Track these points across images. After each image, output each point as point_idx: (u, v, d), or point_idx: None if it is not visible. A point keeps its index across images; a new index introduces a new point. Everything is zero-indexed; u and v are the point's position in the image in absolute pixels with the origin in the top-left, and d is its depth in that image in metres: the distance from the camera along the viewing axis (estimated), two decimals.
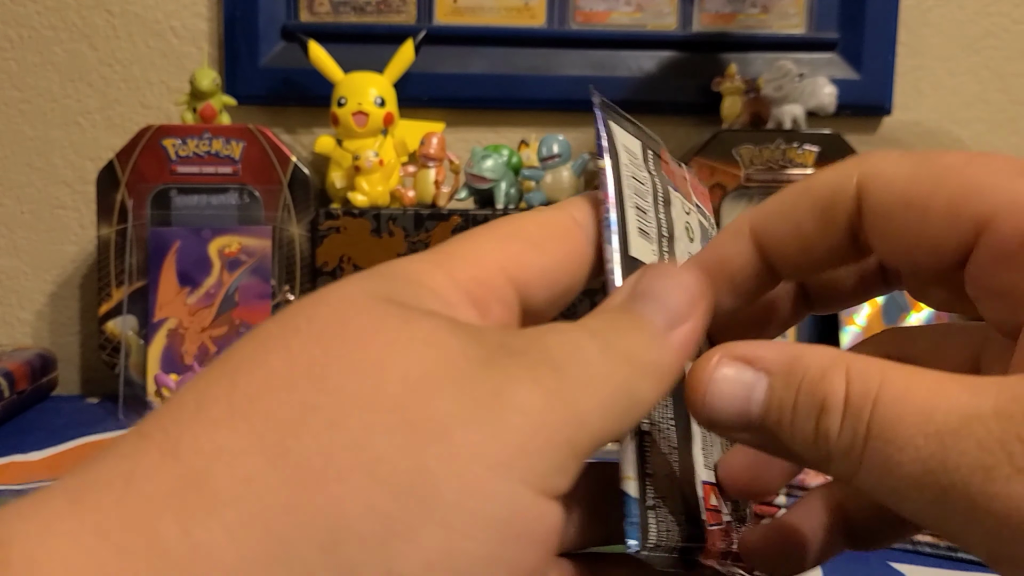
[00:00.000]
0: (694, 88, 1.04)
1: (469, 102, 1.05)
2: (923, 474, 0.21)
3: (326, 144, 0.97)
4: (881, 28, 1.04)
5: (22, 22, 1.05)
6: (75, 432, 0.81)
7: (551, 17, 1.06)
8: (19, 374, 0.86)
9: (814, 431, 0.23)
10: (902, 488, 0.21)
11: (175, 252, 0.90)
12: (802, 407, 0.23)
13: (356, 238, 0.90)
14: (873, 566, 0.52)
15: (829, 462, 0.23)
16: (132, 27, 1.05)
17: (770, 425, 0.24)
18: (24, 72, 1.05)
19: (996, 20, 1.07)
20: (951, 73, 1.08)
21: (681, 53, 1.06)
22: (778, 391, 0.23)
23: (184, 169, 0.91)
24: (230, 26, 1.04)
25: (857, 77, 1.04)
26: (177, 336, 0.89)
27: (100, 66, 1.05)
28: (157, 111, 1.06)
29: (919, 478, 0.21)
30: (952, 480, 0.20)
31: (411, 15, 1.06)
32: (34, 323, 1.08)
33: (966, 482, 0.20)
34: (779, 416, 0.23)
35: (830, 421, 0.22)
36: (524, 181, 0.92)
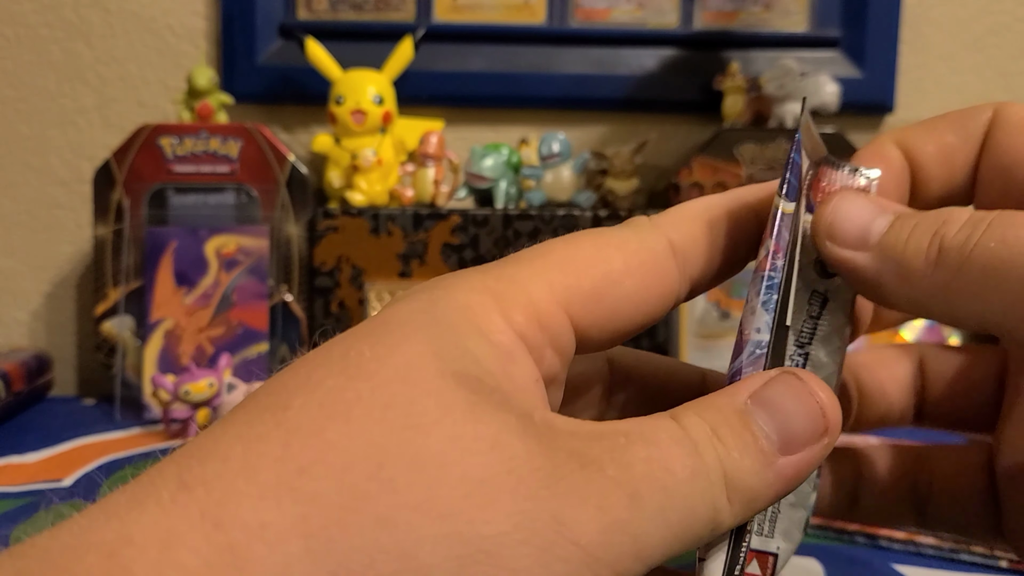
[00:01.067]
0: (695, 86, 1.04)
1: (468, 100, 1.05)
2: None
3: (324, 143, 0.96)
4: (884, 26, 1.03)
5: (18, 20, 1.04)
6: (71, 433, 0.80)
7: (551, 14, 1.05)
8: (15, 375, 0.85)
9: (931, 237, 0.24)
10: (1002, 269, 0.22)
11: (172, 252, 0.89)
12: (924, 223, 0.24)
13: (354, 237, 0.89)
14: (876, 568, 0.52)
15: (936, 264, 0.23)
16: (129, 25, 1.05)
17: (889, 238, 0.25)
18: (20, 71, 1.05)
19: (999, 18, 1.07)
20: (954, 71, 1.07)
21: (682, 51, 1.05)
22: (903, 220, 0.25)
23: (181, 168, 0.91)
24: (227, 24, 1.03)
25: (860, 75, 1.03)
26: (174, 337, 0.88)
27: (96, 64, 1.05)
28: (154, 110, 1.05)
29: (1020, 257, 0.22)
30: None
31: (410, 12, 1.05)
32: (30, 324, 1.07)
33: None
34: (900, 230, 0.24)
35: (950, 227, 0.23)
36: (524, 180, 0.92)
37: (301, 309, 0.91)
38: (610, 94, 1.05)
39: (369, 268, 0.90)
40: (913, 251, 0.24)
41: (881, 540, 0.54)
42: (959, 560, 0.52)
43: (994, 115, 0.28)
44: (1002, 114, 0.28)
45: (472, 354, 0.21)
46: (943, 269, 0.23)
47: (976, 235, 0.23)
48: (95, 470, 0.70)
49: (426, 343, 0.21)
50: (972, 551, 0.51)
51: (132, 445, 0.77)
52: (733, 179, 0.93)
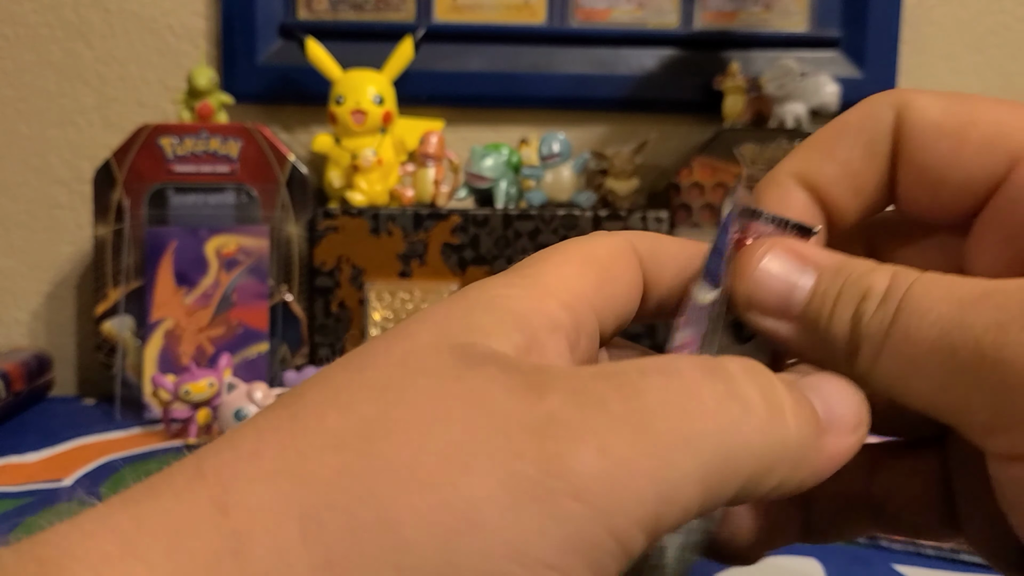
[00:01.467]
0: (696, 86, 1.04)
1: (468, 100, 1.05)
2: (939, 336, 0.21)
3: (324, 143, 0.96)
4: (884, 26, 1.03)
5: (17, 20, 1.04)
6: (71, 433, 0.80)
7: (551, 14, 1.05)
8: (15, 375, 0.85)
9: (851, 317, 0.23)
10: (917, 357, 0.22)
11: (172, 252, 0.89)
12: (845, 296, 0.23)
13: (354, 237, 0.89)
14: (876, 568, 0.52)
15: (856, 352, 0.23)
16: (129, 25, 1.05)
17: (810, 314, 0.24)
18: (20, 71, 1.05)
19: (1000, 18, 1.07)
20: (955, 71, 1.07)
21: (682, 51, 1.05)
22: (824, 282, 0.24)
23: (181, 168, 0.91)
24: (228, 24, 1.03)
25: (860, 75, 1.03)
26: (174, 337, 0.88)
27: (97, 64, 1.05)
28: (154, 110, 1.05)
29: (935, 341, 0.21)
30: (965, 338, 0.21)
31: (410, 12, 1.05)
32: (30, 323, 1.07)
33: (979, 338, 0.21)
34: (821, 304, 0.24)
35: (868, 305, 0.23)
36: (524, 180, 0.92)
37: (301, 309, 0.91)
38: (610, 94, 1.05)
39: (369, 268, 0.90)
40: (836, 333, 0.23)
41: (882, 540, 0.54)
42: (959, 560, 0.52)
43: (897, 119, 0.26)
44: (907, 120, 0.26)
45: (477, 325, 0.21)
46: (864, 359, 0.23)
47: (887, 319, 0.22)
48: (95, 470, 0.70)
49: (435, 326, 0.21)
50: (972, 552, 0.51)
51: (132, 445, 0.77)
52: (733, 179, 0.93)
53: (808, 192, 0.27)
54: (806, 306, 0.24)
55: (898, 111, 0.26)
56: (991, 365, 0.20)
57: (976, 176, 0.25)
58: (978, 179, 0.25)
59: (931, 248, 0.28)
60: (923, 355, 0.22)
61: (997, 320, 0.21)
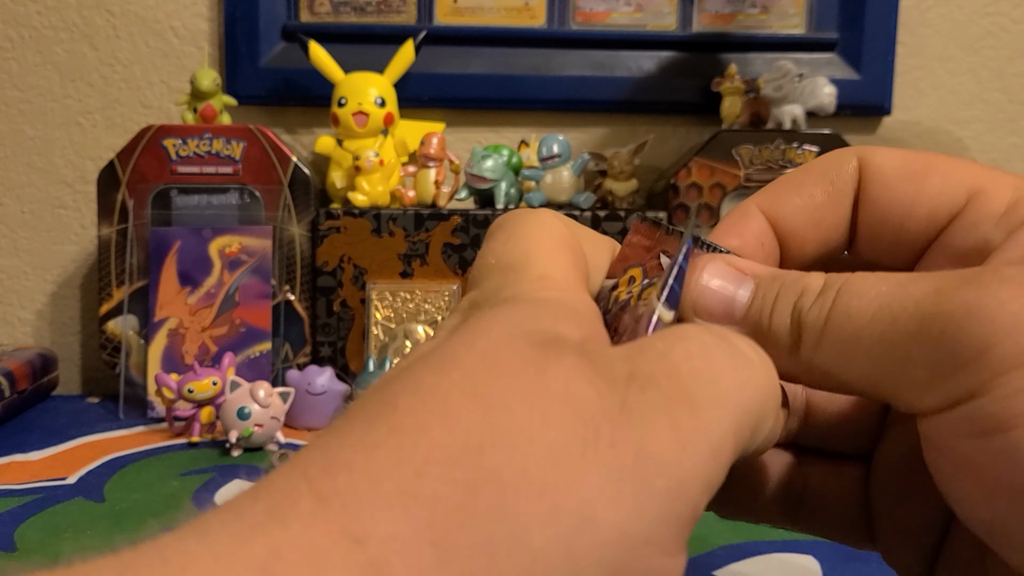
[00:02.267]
0: (694, 88, 1.04)
1: (469, 102, 1.06)
2: (879, 308, 0.23)
3: (326, 144, 0.97)
4: (881, 28, 1.04)
5: (22, 22, 1.05)
6: (75, 432, 0.81)
7: (551, 17, 1.06)
8: (20, 373, 0.86)
9: (791, 312, 0.25)
10: (859, 329, 0.23)
11: (176, 252, 0.90)
12: (783, 295, 0.25)
13: (356, 238, 0.90)
14: (872, 565, 0.52)
15: (799, 340, 0.25)
16: (133, 27, 1.05)
17: (752, 315, 0.26)
18: (25, 72, 1.05)
19: (995, 20, 1.07)
20: (951, 73, 1.08)
21: (681, 53, 1.06)
22: (763, 288, 0.26)
23: (184, 169, 0.91)
24: (231, 26, 1.04)
25: (857, 77, 1.04)
26: (178, 336, 0.89)
27: (101, 66, 1.06)
28: (158, 111, 1.06)
29: (876, 312, 0.23)
30: (905, 303, 0.23)
31: (411, 15, 1.06)
32: (35, 323, 1.08)
33: (918, 302, 0.22)
34: (761, 305, 0.25)
35: (806, 299, 0.25)
36: (524, 181, 0.93)
37: (304, 308, 0.92)
38: (609, 96, 1.05)
39: (371, 268, 0.90)
40: (777, 327, 0.25)
41: None
42: None
43: (860, 165, 0.28)
44: (870, 165, 0.28)
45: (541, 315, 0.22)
46: (806, 347, 0.25)
47: (826, 307, 0.24)
48: (99, 468, 0.71)
49: (504, 319, 0.22)
50: None
51: (136, 443, 0.78)
52: (731, 180, 0.94)
53: (769, 221, 0.29)
54: (748, 310, 0.26)
55: (861, 159, 0.28)
56: (931, 320, 0.22)
57: (938, 210, 0.27)
58: (940, 213, 0.27)
59: None
60: (863, 327, 0.23)
61: (935, 287, 0.22)
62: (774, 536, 0.56)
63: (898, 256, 0.29)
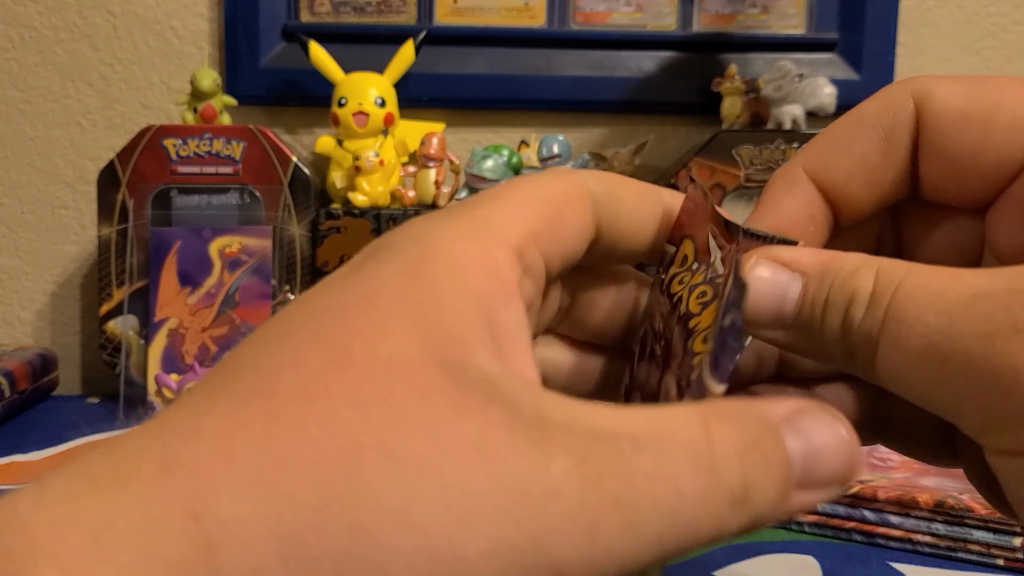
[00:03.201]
0: (694, 88, 1.04)
1: (469, 102, 1.06)
2: (928, 347, 0.21)
3: (326, 144, 0.97)
4: (881, 29, 1.04)
5: (23, 22, 1.05)
6: (75, 432, 0.81)
7: (551, 17, 1.06)
8: (20, 374, 0.86)
9: (841, 323, 0.23)
10: (909, 365, 0.22)
11: (176, 252, 0.90)
12: (833, 302, 0.23)
13: (357, 238, 0.90)
14: (873, 565, 0.52)
15: (853, 354, 0.23)
16: (133, 27, 1.05)
17: (803, 322, 0.24)
18: (25, 72, 1.05)
19: (996, 20, 1.07)
20: (951, 73, 1.07)
21: (681, 53, 1.06)
22: (812, 290, 0.24)
23: (185, 169, 0.91)
24: (231, 26, 1.04)
25: (857, 77, 1.04)
26: (178, 336, 0.89)
27: (101, 66, 1.05)
28: (158, 111, 1.06)
29: (924, 350, 0.21)
30: (954, 348, 0.21)
31: (411, 15, 1.06)
32: (35, 323, 1.08)
33: (967, 348, 0.21)
34: (811, 312, 0.24)
35: (856, 311, 0.23)
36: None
37: None
38: (609, 96, 1.05)
39: None
40: (829, 337, 0.24)
41: (879, 537, 0.54)
42: (956, 558, 0.52)
43: (917, 109, 0.26)
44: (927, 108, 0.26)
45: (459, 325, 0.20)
46: (860, 360, 0.23)
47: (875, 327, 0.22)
48: None
49: (414, 325, 0.20)
50: (969, 549, 0.51)
51: None
52: (731, 180, 0.94)
53: (818, 188, 0.27)
54: (797, 315, 0.24)
55: (918, 101, 0.26)
56: (979, 374, 0.21)
57: (1006, 158, 0.25)
58: (1008, 161, 0.25)
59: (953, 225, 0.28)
60: (914, 363, 0.22)
61: (984, 330, 0.21)
62: (774, 536, 0.56)
63: (967, 201, 0.27)
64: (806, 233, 0.27)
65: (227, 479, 0.17)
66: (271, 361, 0.19)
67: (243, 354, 0.20)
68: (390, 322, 0.20)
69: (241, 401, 0.18)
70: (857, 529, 0.55)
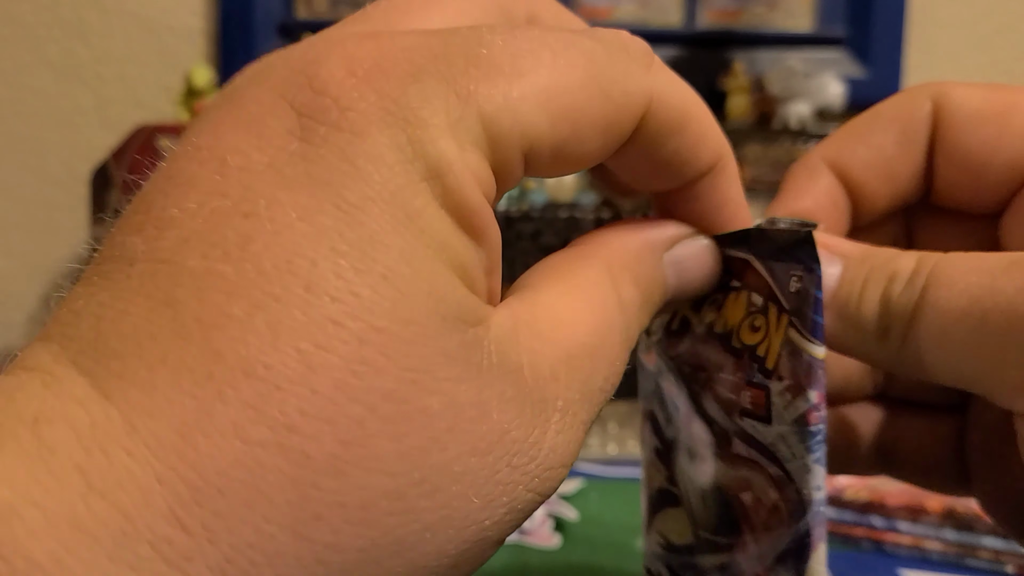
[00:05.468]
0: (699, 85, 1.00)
1: None
2: (970, 303, 0.22)
3: None
4: (890, 25, 1.03)
5: (15, 19, 1.04)
6: None
7: None
8: None
9: (880, 298, 0.23)
10: (948, 327, 0.22)
11: None
12: (873, 279, 0.24)
13: None
14: (881, 572, 0.51)
15: (888, 330, 0.23)
16: (127, 25, 1.05)
17: (840, 301, 0.24)
18: (17, 70, 1.05)
19: (1006, 18, 1.07)
20: (960, 71, 1.07)
21: (686, 50, 1.05)
22: (851, 270, 0.24)
23: None
24: (226, 23, 1.04)
25: (865, 75, 1.03)
26: None
27: (94, 64, 1.05)
28: (152, 110, 1.05)
29: (966, 308, 0.22)
30: (996, 301, 0.21)
31: None
32: (26, 326, 1.07)
33: (1011, 300, 0.21)
34: (850, 290, 0.24)
35: (896, 286, 0.23)
36: (526, 181, 0.91)
37: None
38: None
39: None
40: (865, 314, 0.24)
41: (887, 546, 0.54)
42: (965, 566, 0.52)
43: (935, 108, 0.27)
44: (945, 107, 0.27)
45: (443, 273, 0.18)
46: (895, 336, 0.23)
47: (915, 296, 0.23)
48: None
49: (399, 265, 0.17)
50: (978, 556, 0.51)
51: None
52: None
53: (838, 177, 0.27)
54: (835, 293, 0.24)
55: (936, 100, 0.27)
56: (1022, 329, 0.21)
57: (1021, 158, 0.26)
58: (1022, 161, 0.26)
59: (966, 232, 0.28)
60: (953, 324, 0.22)
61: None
62: None
63: (981, 204, 0.27)
64: (831, 219, 0.27)
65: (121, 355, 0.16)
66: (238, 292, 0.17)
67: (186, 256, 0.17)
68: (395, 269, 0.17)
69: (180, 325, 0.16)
70: (866, 537, 0.55)
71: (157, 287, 0.16)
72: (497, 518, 0.17)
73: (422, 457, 0.16)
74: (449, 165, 0.17)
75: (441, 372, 0.17)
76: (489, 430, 0.17)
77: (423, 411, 0.16)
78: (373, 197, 0.16)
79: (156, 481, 0.15)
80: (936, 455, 0.30)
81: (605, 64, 0.20)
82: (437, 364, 0.16)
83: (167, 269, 0.16)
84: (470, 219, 0.18)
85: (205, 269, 0.16)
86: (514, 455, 0.18)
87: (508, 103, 0.18)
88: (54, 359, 0.16)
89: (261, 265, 0.16)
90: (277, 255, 0.16)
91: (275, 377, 0.15)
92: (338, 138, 0.17)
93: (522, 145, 0.18)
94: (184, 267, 0.16)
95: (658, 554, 0.29)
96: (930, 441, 0.30)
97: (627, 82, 0.20)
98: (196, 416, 0.15)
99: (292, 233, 0.16)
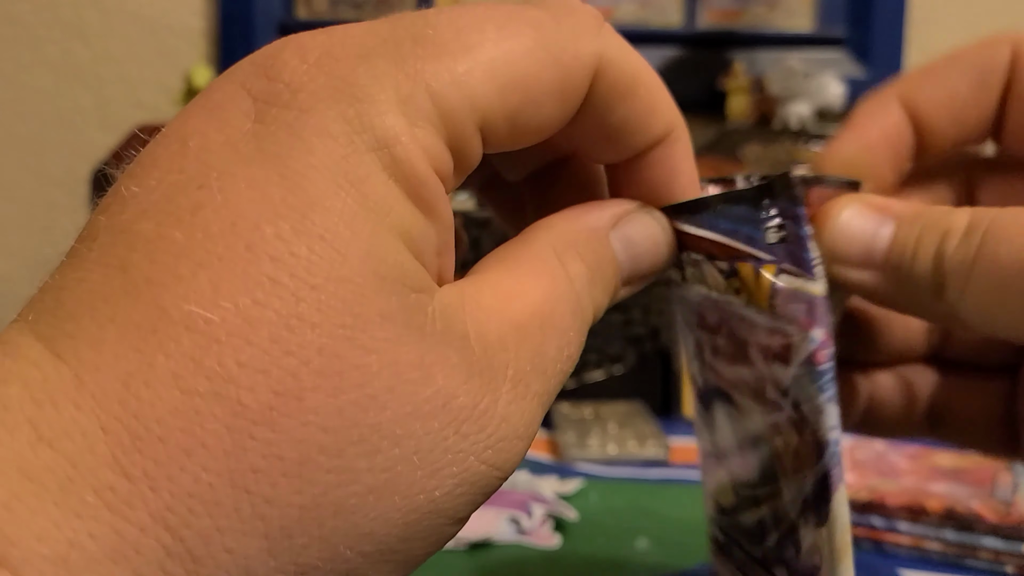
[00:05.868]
0: (699, 86, 1.03)
1: None
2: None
3: None
4: (890, 25, 1.03)
5: (15, 19, 1.05)
6: None
7: None
8: None
9: (934, 256, 0.23)
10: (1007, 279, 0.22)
11: None
12: (926, 237, 0.23)
13: None
14: (881, 572, 0.51)
15: (942, 287, 0.23)
16: (127, 25, 1.05)
17: (894, 258, 0.24)
18: (17, 70, 1.05)
19: (1006, 18, 1.07)
20: None
21: (686, 50, 1.05)
22: (904, 228, 0.24)
23: None
24: (226, 23, 1.04)
25: (865, 75, 1.03)
26: None
27: (94, 64, 1.05)
28: (152, 110, 1.06)
29: None
30: None
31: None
32: None
33: None
34: (903, 248, 0.24)
35: (950, 242, 0.23)
36: None
37: None
38: None
39: None
40: (920, 271, 0.24)
41: (887, 546, 0.54)
42: (965, 566, 0.52)
43: (1014, 57, 0.27)
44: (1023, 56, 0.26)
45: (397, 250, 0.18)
46: (951, 292, 0.23)
47: (971, 251, 0.22)
48: None
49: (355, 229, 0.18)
50: (978, 556, 0.51)
51: None
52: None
53: (908, 113, 0.27)
54: (888, 252, 0.24)
55: (1015, 49, 0.27)
56: None
57: None
58: None
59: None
60: (1011, 277, 0.22)
61: None
62: None
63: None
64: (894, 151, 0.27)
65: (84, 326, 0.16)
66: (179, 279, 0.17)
67: None
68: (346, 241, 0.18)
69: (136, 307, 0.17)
70: (866, 537, 0.54)
71: (114, 255, 0.17)
72: (447, 489, 0.18)
73: (360, 414, 0.17)
74: (396, 137, 0.18)
75: (379, 331, 0.17)
76: (434, 394, 0.17)
77: (359, 368, 0.17)
78: (316, 165, 0.17)
79: (100, 430, 0.15)
80: (987, 418, 0.30)
81: (552, 30, 0.20)
82: (374, 323, 0.17)
83: (124, 238, 0.17)
84: (418, 190, 0.18)
85: (158, 234, 0.17)
86: (462, 422, 0.18)
87: (455, 78, 0.19)
88: (18, 332, 0.17)
89: (208, 229, 0.17)
90: (223, 219, 0.17)
91: (215, 331, 0.16)
92: (287, 116, 0.18)
93: (474, 118, 0.19)
94: (139, 234, 0.17)
95: (713, 518, 0.30)
96: (981, 404, 0.30)
97: (577, 45, 0.21)
98: (139, 368, 0.16)
99: (239, 200, 0.17)
